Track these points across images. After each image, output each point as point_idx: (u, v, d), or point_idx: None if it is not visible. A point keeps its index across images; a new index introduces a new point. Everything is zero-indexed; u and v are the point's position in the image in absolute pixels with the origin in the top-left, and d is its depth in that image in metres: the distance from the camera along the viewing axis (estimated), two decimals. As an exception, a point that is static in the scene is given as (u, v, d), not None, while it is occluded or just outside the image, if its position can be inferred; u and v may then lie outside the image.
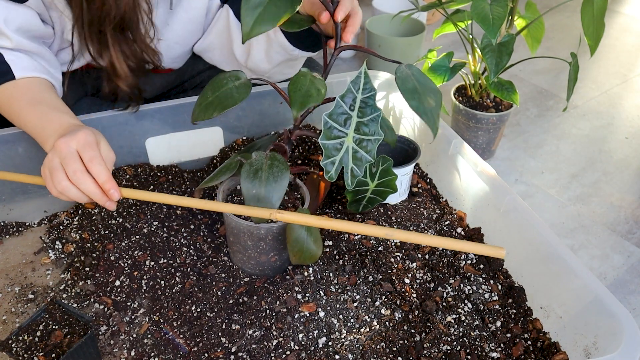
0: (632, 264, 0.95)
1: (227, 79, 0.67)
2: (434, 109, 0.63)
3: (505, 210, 0.77)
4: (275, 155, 0.66)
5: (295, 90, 0.64)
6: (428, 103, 0.63)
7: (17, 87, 0.77)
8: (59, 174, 0.64)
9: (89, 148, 0.65)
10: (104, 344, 0.68)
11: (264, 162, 0.65)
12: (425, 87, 0.64)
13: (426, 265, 0.77)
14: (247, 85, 0.67)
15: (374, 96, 0.71)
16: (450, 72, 1.06)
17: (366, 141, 0.73)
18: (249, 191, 0.63)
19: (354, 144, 0.73)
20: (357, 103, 0.71)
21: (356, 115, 0.71)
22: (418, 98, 0.63)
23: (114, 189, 0.65)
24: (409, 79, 0.64)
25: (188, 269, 0.77)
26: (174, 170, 0.95)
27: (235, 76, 0.68)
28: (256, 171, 0.64)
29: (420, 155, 0.85)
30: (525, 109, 1.41)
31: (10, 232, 0.85)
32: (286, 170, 0.64)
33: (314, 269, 0.74)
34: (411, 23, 1.53)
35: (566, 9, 2.00)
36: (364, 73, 0.70)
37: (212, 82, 0.68)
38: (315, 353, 0.65)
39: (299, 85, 0.64)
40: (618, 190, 1.13)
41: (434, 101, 0.63)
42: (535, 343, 0.68)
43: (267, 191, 0.63)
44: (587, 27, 0.93)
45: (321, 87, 0.65)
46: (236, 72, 0.68)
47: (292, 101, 0.63)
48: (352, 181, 0.73)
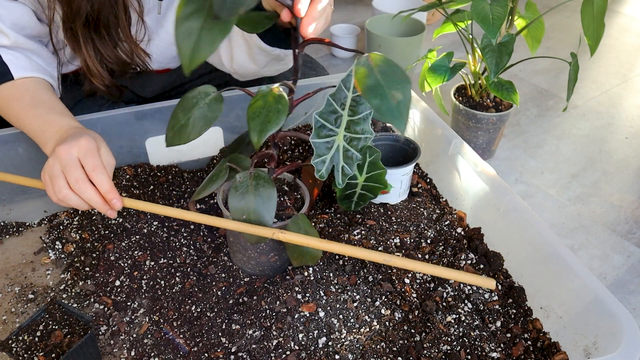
0: (632, 264, 0.95)
1: (197, 97, 0.62)
2: (401, 103, 0.55)
3: (505, 210, 0.77)
4: (259, 174, 0.64)
5: (253, 117, 0.58)
6: (393, 98, 0.55)
7: (16, 87, 0.76)
8: (60, 181, 0.64)
9: (91, 156, 0.65)
10: (104, 344, 0.68)
11: (249, 184, 0.63)
12: (390, 79, 0.56)
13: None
14: (219, 100, 0.62)
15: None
16: (450, 72, 1.06)
17: (357, 140, 0.72)
18: (240, 217, 0.62)
19: (344, 143, 0.72)
20: (348, 101, 0.70)
21: (347, 114, 0.71)
22: (381, 95, 0.55)
23: (117, 198, 0.65)
24: (370, 74, 0.57)
25: (188, 269, 0.77)
26: (174, 170, 0.95)
27: (205, 92, 0.63)
28: (243, 195, 0.62)
29: (420, 155, 0.85)
30: (525, 109, 1.41)
31: (10, 232, 0.85)
32: (272, 187, 0.63)
33: (314, 269, 0.74)
34: (411, 23, 1.53)
35: (566, 9, 2.00)
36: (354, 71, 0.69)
37: (182, 102, 0.62)
38: (315, 353, 0.65)
39: (256, 111, 0.59)
40: (618, 190, 1.13)
41: (402, 93, 0.56)
42: (535, 343, 0.68)
43: (257, 215, 0.62)
44: (587, 27, 0.93)
45: (281, 109, 0.59)
46: (205, 88, 0.63)
47: (251, 129, 0.58)
48: (342, 180, 0.73)
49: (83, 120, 0.87)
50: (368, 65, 0.57)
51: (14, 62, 0.76)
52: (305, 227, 0.66)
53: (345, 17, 1.90)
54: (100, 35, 0.79)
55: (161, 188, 0.91)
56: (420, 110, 0.96)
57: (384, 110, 0.54)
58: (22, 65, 0.77)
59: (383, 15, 1.55)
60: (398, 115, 0.54)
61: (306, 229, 0.66)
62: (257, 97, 0.60)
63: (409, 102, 0.55)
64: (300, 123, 1.07)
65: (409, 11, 1.12)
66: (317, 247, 0.63)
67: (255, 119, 0.57)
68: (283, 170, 0.71)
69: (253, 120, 0.57)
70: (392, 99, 0.55)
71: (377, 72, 0.56)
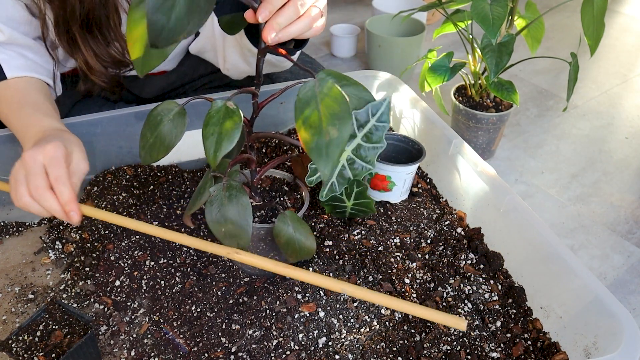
0: (632, 264, 0.95)
1: (161, 114, 0.60)
2: (333, 142, 0.49)
3: (505, 210, 0.77)
4: (231, 185, 0.63)
5: (207, 136, 0.56)
6: (327, 134, 0.49)
7: (7, 87, 0.76)
8: (22, 188, 0.62)
9: (56, 164, 0.63)
10: (104, 344, 0.68)
11: (223, 196, 0.62)
12: (333, 111, 0.51)
13: (426, 265, 0.77)
14: (182, 114, 0.60)
15: (385, 128, 0.72)
16: (450, 72, 1.06)
17: (357, 163, 0.74)
18: (219, 230, 0.62)
19: (345, 162, 0.73)
20: (367, 127, 0.71)
21: (360, 137, 0.72)
22: (316, 128, 0.49)
23: (74, 211, 0.62)
24: (311, 101, 0.51)
25: (188, 269, 0.77)
26: (174, 170, 0.95)
27: (168, 108, 0.61)
28: (218, 209, 0.62)
29: (425, 156, 0.85)
30: (525, 109, 1.41)
31: (10, 232, 0.85)
32: (244, 195, 0.62)
33: (314, 269, 0.74)
34: (411, 23, 1.53)
35: (566, 9, 2.00)
36: (387, 104, 0.70)
37: (148, 120, 0.61)
38: (315, 353, 0.65)
39: (210, 129, 0.56)
40: (618, 190, 1.13)
41: (338, 130, 0.50)
42: (535, 343, 0.68)
43: (235, 226, 0.61)
44: (587, 27, 0.93)
45: (234, 126, 0.55)
46: (168, 104, 0.61)
47: (205, 149, 0.56)
48: (326, 194, 0.74)
49: (83, 121, 0.88)
50: (313, 92, 0.53)
51: (7, 62, 0.75)
52: (293, 224, 0.65)
53: (345, 17, 1.90)
54: (92, 35, 0.79)
55: (161, 188, 0.91)
56: (420, 110, 0.96)
57: (312, 147, 0.49)
58: (16, 65, 0.76)
59: (383, 15, 1.55)
60: (325, 156, 0.49)
61: (295, 225, 0.66)
62: (210, 114, 0.57)
63: (342, 143, 0.49)
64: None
65: (409, 11, 1.12)
66: (273, 270, 0.60)
67: (209, 138, 0.55)
68: (265, 169, 0.69)
69: (207, 140, 0.55)
70: (325, 135, 0.49)
71: (319, 101, 0.51)
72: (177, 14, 0.41)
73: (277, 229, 0.65)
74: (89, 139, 0.90)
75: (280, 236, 0.66)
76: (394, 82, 1.03)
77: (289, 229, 0.65)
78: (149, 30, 0.41)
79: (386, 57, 1.46)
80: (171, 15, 0.41)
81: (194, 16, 0.42)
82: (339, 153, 0.49)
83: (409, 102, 0.99)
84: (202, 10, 0.43)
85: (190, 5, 0.41)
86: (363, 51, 1.68)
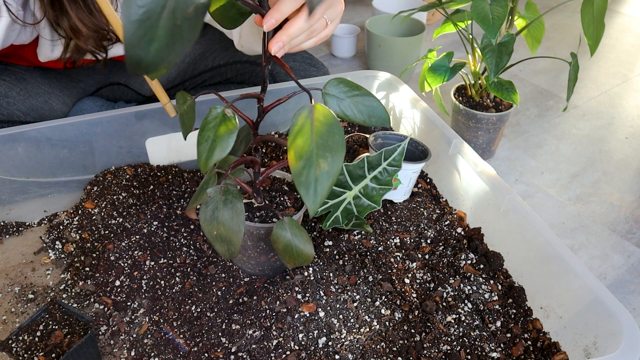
0: (632, 264, 0.95)
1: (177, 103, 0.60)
2: (322, 176, 0.47)
3: (505, 210, 0.77)
4: (228, 189, 0.62)
5: (201, 142, 0.55)
6: (318, 168, 0.47)
7: None
8: None
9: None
10: (104, 344, 0.68)
11: (219, 199, 0.62)
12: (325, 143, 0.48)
13: (426, 265, 0.77)
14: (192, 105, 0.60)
15: (396, 171, 0.74)
16: (450, 72, 1.06)
17: (363, 201, 0.78)
18: (211, 232, 0.62)
19: (351, 200, 0.77)
20: (377, 170, 0.73)
21: (369, 179, 0.73)
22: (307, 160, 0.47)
23: None
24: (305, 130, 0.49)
25: (188, 269, 0.77)
26: (174, 170, 0.95)
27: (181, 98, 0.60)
28: (212, 211, 0.62)
29: (430, 156, 0.85)
30: (525, 109, 1.41)
31: (10, 232, 0.85)
32: (240, 201, 0.62)
33: (314, 269, 0.74)
34: (411, 23, 1.53)
35: (566, 9, 1.99)
36: (401, 150, 0.72)
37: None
38: (315, 353, 0.65)
39: (204, 135, 0.55)
40: (618, 190, 1.13)
41: (329, 164, 0.47)
42: (535, 343, 0.68)
43: (226, 230, 0.61)
44: (587, 27, 0.93)
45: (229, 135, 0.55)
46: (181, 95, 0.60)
47: (198, 154, 0.55)
48: (329, 224, 0.78)
49: (83, 121, 0.88)
50: (309, 119, 0.50)
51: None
52: (291, 230, 0.65)
53: (345, 17, 1.90)
54: (77, 3, 0.78)
55: (161, 188, 0.91)
56: (420, 110, 0.96)
57: (301, 181, 0.46)
58: None
59: (383, 15, 1.55)
60: (313, 192, 0.46)
61: (293, 231, 0.65)
62: (207, 120, 0.56)
63: (332, 178, 0.47)
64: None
65: (409, 11, 1.12)
66: None
67: (202, 144, 0.55)
68: (269, 171, 0.69)
69: (200, 145, 0.55)
70: (316, 168, 0.47)
71: (314, 131, 0.49)
72: (156, 48, 0.38)
73: (275, 235, 0.65)
74: (88, 139, 0.90)
75: (278, 242, 0.65)
76: (394, 82, 1.03)
77: (287, 235, 0.65)
78: (127, 62, 0.38)
79: (386, 57, 1.46)
80: (150, 50, 0.38)
81: (176, 47, 0.39)
82: (327, 189, 0.47)
83: (409, 102, 0.99)
84: (184, 40, 0.40)
85: (171, 38, 0.39)
86: (363, 51, 1.68)
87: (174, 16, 0.38)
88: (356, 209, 0.78)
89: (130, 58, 0.38)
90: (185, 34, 0.39)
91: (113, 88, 1.09)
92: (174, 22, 0.38)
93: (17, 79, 0.93)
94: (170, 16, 0.38)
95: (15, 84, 0.92)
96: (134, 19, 0.37)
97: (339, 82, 0.55)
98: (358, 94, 0.58)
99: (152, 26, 0.38)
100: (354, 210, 0.78)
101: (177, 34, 0.39)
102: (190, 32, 0.40)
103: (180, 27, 0.39)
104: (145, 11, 0.37)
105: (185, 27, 0.39)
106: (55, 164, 0.89)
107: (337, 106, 0.56)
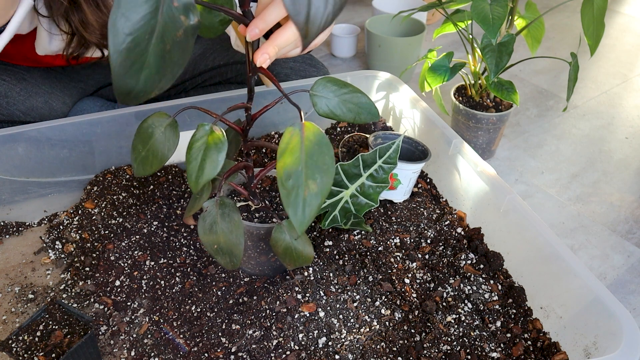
0: (632, 264, 0.95)
1: (152, 126, 0.57)
2: (311, 198, 0.45)
3: (505, 210, 0.77)
4: (224, 201, 0.62)
5: (190, 160, 0.53)
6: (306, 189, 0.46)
7: None
8: None
9: None
10: (104, 344, 0.68)
11: (216, 213, 0.61)
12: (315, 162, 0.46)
13: (426, 265, 0.77)
14: (174, 126, 0.57)
15: (392, 169, 0.74)
16: (450, 72, 1.06)
17: (360, 199, 0.77)
18: (211, 246, 0.61)
19: (348, 198, 0.77)
20: (372, 168, 0.73)
21: (365, 177, 0.73)
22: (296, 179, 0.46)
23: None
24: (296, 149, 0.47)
25: (188, 269, 0.77)
26: (174, 170, 0.95)
27: (159, 120, 0.57)
28: (211, 226, 0.61)
29: (430, 156, 0.85)
30: (525, 109, 1.41)
31: (10, 232, 0.85)
32: (237, 213, 0.62)
33: (314, 269, 0.74)
34: (411, 23, 1.53)
35: (566, 9, 2.00)
36: (396, 147, 0.72)
37: (139, 131, 0.57)
38: (315, 353, 0.65)
39: (193, 154, 0.54)
40: (618, 190, 1.13)
41: (318, 186, 0.46)
42: (535, 343, 0.68)
43: (227, 244, 0.61)
44: (587, 27, 0.93)
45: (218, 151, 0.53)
46: (158, 115, 0.57)
47: (188, 173, 0.54)
48: (327, 224, 0.78)
49: (83, 121, 0.88)
50: (299, 138, 0.47)
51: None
52: (291, 233, 0.65)
53: (345, 17, 1.90)
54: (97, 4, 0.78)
55: (161, 188, 0.91)
56: (420, 110, 0.96)
57: (290, 201, 0.45)
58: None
59: (383, 15, 1.55)
60: (301, 213, 0.44)
61: (292, 234, 0.65)
62: (195, 138, 0.54)
63: (321, 199, 0.45)
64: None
65: (409, 11, 1.12)
66: None
67: (191, 163, 0.53)
68: (263, 173, 0.69)
69: (190, 164, 0.53)
70: (305, 189, 0.45)
71: (304, 150, 0.47)
72: (147, 75, 0.37)
73: (275, 239, 0.65)
74: (88, 139, 0.90)
75: (278, 246, 0.65)
76: (394, 82, 1.03)
77: (286, 238, 0.65)
78: (116, 92, 0.37)
79: (386, 57, 1.46)
80: (140, 78, 0.36)
81: (167, 72, 0.38)
82: (315, 210, 0.45)
83: (409, 102, 0.99)
84: (175, 64, 0.38)
85: (162, 63, 0.37)
86: (363, 51, 1.68)
87: (163, 41, 0.36)
88: (354, 207, 0.78)
89: (119, 88, 0.36)
90: (176, 57, 0.38)
91: (113, 87, 1.09)
92: (163, 47, 0.37)
93: (17, 79, 0.93)
94: (159, 41, 0.36)
95: (15, 84, 0.92)
96: (121, 48, 0.35)
97: (326, 82, 0.55)
98: (346, 92, 0.57)
99: (141, 53, 0.36)
100: (352, 209, 0.78)
101: (167, 58, 0.37)
102: (181, 56, 0.38)
103: (171, 52, 0.37)
104: (133, 39, 0.35)
105: (175, 51, 0.38)
106: (55, 164, 0.89)
107: (325, 106, 0.55)
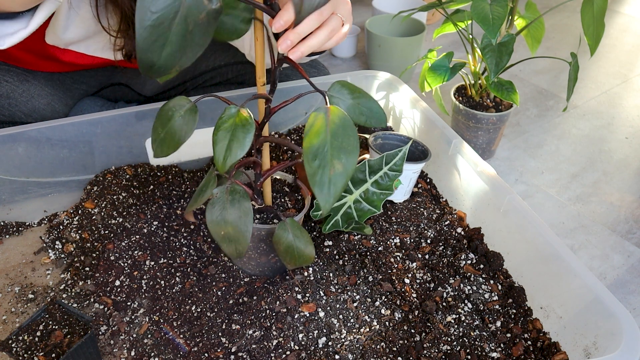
0: (632, 264, 0.95)
1: (172, 109, 0.59)
2: (337, 177, 0.48)
3: (505, 210, 0.77)
4: (235, 188, 0.62)
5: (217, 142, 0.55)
6: (332, 168, 0.48)
7: None
8: None
9: None
10: (104, 344, 0.68)
11: (226, 199, 0.62)
12: (339, 144, 0.49)
13: (426, 265, 0.77)
14: (193, 111, 0.59)
15: (397, 176, 0.74)
16: (450, 72, 1.06)
17: (363, 205, 0.77)
18: (218, 233, 0.61)
19: (351, 204, 0.77)
20: (378, 174, 0.73)
21: (370, 183, 0.73)
22: (322, 160, 0.48)
23: None
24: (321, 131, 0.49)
25: (188, 269, 0.77)
26: (174, 170, 0.95)
27: (180, 104, 0.59)
28: (220, 212, 0.61)
29: (431, 156, 0.85)
30: (525, 109, 1.41)
31: (10, 232, 0.85)
32: (247, 201, 0.62)
33: (314, 269, 0.74)
34: (411, 23, 1.52)
35: (566, 9, 2.00)
36: (402, 154, 0.72)
37: (159, 114, 0.59)
38: (315, 353, 0.65)
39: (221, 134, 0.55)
40: (618, 190, 1.13)
41: (343, 165, 0.48)
42: (535, 343, 0.68)
43: (235, 230, 0.61)
44: (587, 27, 0.93)
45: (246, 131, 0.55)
46: (180, 100, 0.59)
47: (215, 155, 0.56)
48: (329, 228, 0.78)
49: (83, 121, 0.88)
50: (324, 120, 0.50)
51: None
52: (293, 232, 0.65)
53: (345, 17, 1.89)
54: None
55: (161, 188, 0.91)
56: (420, 110, 0.96)
57: (316, 180, 0.47)
58: None
59: (383, 15, 1.55)
60: (327, 192, 0.47)
61: (295, 233, 0.65)
62: (222, 119, 0.56)
63: (346, 178, 0.48)
64: (300, 123, 1.08)
65: (409, 11, 1.12)
66: None
67: (219, 143, 0.54)
68: (270, 172, 0.70)
69: (217, 145, 0.55)
70: (330, 168, 0.48)
71: (329, 132, 0.49)
72: (168, 52, 0.39)
73: (277, 237, 0.65)
74: (88, 139, 0.90)
75: (280, 243, 0.65)
76: (394, 82, 1.03)
77: (289, 236, 0.65)
78: (139, 65, 0.39)
79: (386, 57, 1.46)
80: (162, 54, 0.39)
81: (187, 51, 0.40)
82: (341, 189, 0.48)
83: (409, 102, 0.99)
84: (196, 44, 0.41)
85: (183, 42, 0.39)
86: (363, 51, 1.68)
87: (186, 22, 0.39)
88: (356, 213, 0.78)
89: (142, 61, 0.38)
90: (197, 39, 0.40)
91: (114, 88, 1.09)
92: (186, 28, 0.39)
93: (20, 80, 0.93)
94: (182, 22, 0.39)
95: (18, 85, 0.92)
96: (147, 24, 0.37)
97: (341, 86, 0.56)
98: (359, 96, 0.59)
99: (165, 31, 0.38)
100: (354, 215, 0.78)
101: (189, 39, 0.40)
102: (202, 38, 0.40)
103: (192, 33, 0.40)
104: (158, 17, 0.37)
105: (197, 32, 0.40)
106: (55, 164, 0.89)
107: (342, 106, 0.57)
